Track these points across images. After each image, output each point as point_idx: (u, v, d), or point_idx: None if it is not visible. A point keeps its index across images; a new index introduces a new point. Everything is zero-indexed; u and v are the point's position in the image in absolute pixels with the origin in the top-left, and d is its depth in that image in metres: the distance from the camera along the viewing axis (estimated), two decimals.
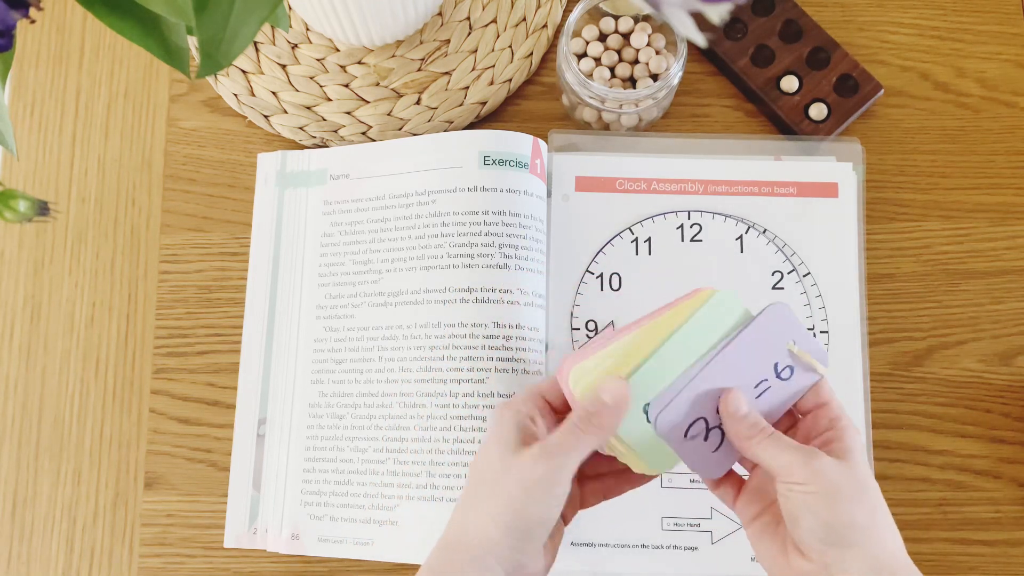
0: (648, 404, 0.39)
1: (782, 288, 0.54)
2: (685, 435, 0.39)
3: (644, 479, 0.43)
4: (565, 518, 0.43)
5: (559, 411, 0.42)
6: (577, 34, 0.58)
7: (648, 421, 0.39)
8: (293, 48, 0.59)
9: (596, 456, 0.42)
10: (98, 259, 0.58)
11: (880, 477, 0.53)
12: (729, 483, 0.42)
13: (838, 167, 0.55)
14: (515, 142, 0.53)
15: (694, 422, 0.39)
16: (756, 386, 0.40)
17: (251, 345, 0.55)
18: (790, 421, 0.41)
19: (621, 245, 0.55)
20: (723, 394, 0.39)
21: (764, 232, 0.55)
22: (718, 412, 0.39)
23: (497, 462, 0.39)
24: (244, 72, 0.59)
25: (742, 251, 0.54)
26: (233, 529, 0.53)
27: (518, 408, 0.40)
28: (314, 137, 0.58)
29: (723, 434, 0.40)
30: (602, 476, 0.44)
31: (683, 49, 0.53)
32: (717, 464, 0.41)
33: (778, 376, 0.40)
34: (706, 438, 0.40)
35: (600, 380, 0.39)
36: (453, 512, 0.40)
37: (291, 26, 0.59)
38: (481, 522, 0.38)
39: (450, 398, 0.50)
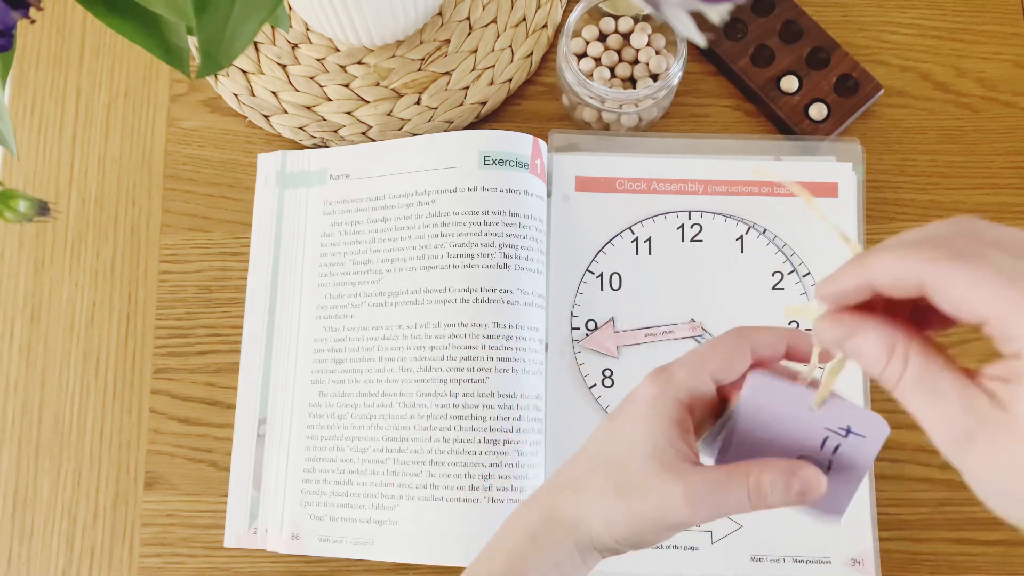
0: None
1: (782, 288, 0.54)
2: None
3: None
4: None
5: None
6: (577, 34, 0.58)
7: None
8: (293, 48, 0.59)
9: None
10: (98, 259, 0.58)
11: (880, 477, 0.53)
12: None
13: (838, 167, 0.55)
14: (515, 142, 0.53)
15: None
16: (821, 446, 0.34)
17: (251, 345, 0.55)
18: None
19: (621, 245, 0.55)
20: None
21: (764, 232, 0.55)
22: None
23: (651, 472, 0.32)
24: (244, 72, 0.59)
25: (742, 251, 0.54)
26: (233, 529, 0.53)
27: (683, 403, 0.32)
28: (314, 137, 0.58)
29: None
30: None
31: (683, 49, 0.53)
32: None
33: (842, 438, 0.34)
34: None
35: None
36: (558, 475, 0.35)
37: (291, 26, 0.59)
38: (596, 521, 0.33)
39: (450, 398, 0.50)
